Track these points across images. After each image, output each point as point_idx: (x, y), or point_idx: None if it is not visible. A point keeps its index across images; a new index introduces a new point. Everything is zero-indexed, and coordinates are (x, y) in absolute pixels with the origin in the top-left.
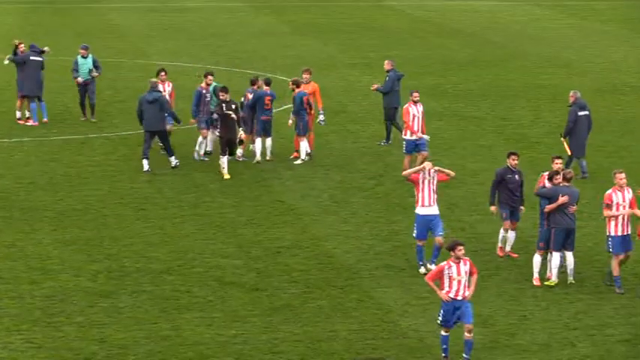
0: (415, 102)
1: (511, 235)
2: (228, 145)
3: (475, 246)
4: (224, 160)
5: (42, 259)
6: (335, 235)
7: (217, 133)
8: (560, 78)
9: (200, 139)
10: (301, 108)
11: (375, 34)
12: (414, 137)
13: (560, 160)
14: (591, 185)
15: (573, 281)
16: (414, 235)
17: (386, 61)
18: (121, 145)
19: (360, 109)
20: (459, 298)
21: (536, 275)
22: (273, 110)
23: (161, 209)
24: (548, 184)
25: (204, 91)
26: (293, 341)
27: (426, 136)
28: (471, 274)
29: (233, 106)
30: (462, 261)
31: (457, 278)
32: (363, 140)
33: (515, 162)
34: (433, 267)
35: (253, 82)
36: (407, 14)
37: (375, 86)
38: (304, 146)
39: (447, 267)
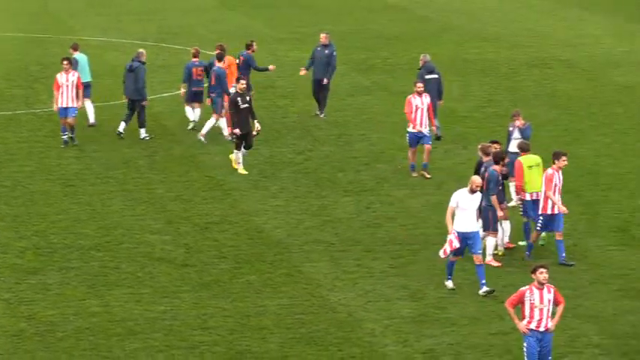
0: (419, 93)
1: None
2: (244, 138)
3: (404, 220)
4: (239, 155)
5: None
6: (264, 210)
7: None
8: (489, 52)
9: (213, 120)
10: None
11: (304, 9)
12: (416, 130)
13: (498, 145)
14: None
15: (502, 250)
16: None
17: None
18: (48, 122)
19: (289, 84)
20: (541, 329)
21: (490, 258)
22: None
23: (89, 185)
24: (495, 167)
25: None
26: (222, 316)
27: (424, 130)
28: (556, 303)
29: (248, 99)
30: (545, 287)
31: (539, 306)
32: (292, 115)
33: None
34: (484, 288)
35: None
36: None
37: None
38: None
39: (528, 292)
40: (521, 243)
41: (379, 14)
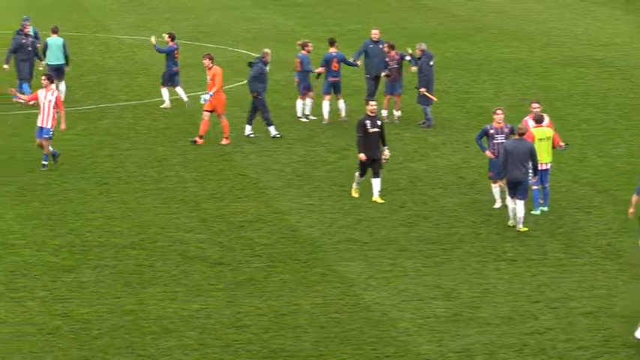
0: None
1: None
2: (371, 165)
3: (438, 219)
4: (360, 179)
5: (4, 234)
6: (298, 208)
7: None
8: (522, 51)
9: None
10: None
11: (338, 7)
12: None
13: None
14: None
15: (520, 226)
16: None
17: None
18: (81, 120)
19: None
20: None
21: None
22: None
23: (123, 184)
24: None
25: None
26: (256, 315)
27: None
28: None
29: (379, 123)
30: None
31: None
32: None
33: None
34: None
35: (303, 46)
36: None
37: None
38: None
39: None
40: (533, 212)
41: (413, 13)
